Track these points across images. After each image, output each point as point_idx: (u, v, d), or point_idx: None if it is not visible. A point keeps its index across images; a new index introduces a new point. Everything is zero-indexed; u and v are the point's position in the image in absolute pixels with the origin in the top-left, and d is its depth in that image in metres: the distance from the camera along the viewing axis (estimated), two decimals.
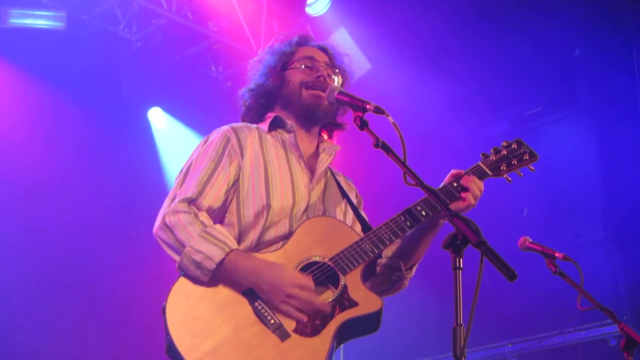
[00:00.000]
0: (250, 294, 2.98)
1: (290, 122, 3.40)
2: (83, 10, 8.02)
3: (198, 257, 2.98)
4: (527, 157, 3.41)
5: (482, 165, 3.31)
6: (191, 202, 3.11)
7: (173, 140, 8.99)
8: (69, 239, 8.04)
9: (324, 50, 3.60)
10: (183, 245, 3.01)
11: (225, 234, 3.08)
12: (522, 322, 8.02)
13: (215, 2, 8.39)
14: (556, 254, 3.95)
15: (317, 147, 3.47)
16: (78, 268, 8.05)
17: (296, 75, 3.44)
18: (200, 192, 3.13)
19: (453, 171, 3.27)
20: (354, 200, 3.47)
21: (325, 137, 3.57)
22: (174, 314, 2.94)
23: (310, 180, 3.33)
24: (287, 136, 3.40)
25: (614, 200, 7.91)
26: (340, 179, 3.51)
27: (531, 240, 4.02)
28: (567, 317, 7.64)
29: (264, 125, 3.41)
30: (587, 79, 8.45)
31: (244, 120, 3.54)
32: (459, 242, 2.54)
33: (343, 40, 8.97)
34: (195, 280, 3.01)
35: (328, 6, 8.80)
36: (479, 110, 8.91)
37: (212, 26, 8.54)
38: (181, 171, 3.28)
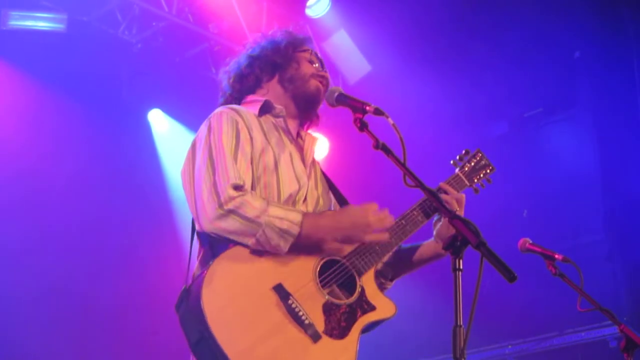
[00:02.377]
0: (281, 290, 2.93)
1: (279, 107, 3.38)
2: (83, 12, 8.02)
3: (283, 224, 2.93)
4: (489, 170, 3.60)
5: (461, 176, 3.49)
6: (239, 187, 3.00)
7: (173, 142, 8.99)
8: (68, 240, 8.04)
9: (317, 56, 3.60)
10: (257, 221, 2.91)
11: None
12: (522, 324, 8.03)
13: (215, 4, 8.39)
14: (556, 256, 3.95)
15: (298, 133, 3.49)
16: (78, 270, 8.05)
17: (307, 65, 3.46)
18: (241, 178, 3.05)
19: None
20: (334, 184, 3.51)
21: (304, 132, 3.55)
22: (211, 303, 2.83)
23: (305, 165, 3.34)
24: (274, 120, 3.38)
25: (614, 201, 7.91)
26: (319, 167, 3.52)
27: (531, 242, 4.02)
28: (566, 318, 7.65)
29: (254, 109, 3.36)
30: (587, 80, 8.46)
31: (233, 89, 3.49)
32: (458, 244, 2.55)
33: (343, 42, 8.98)
34: (226, 271, 2.92)
35: (328, 8, 8.80)
36: (479, 112, 8.92)
37: (213, 28, 8.55)
38: (196, 156, 3.15)
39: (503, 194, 8.46)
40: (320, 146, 9.34)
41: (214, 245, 3.08)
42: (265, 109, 3.38)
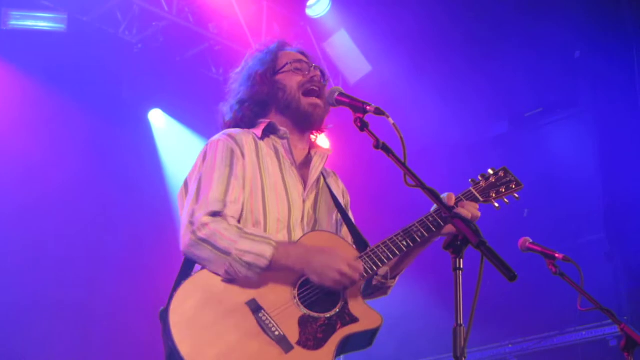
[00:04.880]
0: (254, 304, 2.99)
1: (283, 129, 3.40)
2: (84, 12, 8.03)
3: (249, 258, 2.99)
4: (514, 186, 3.50)
5: (473, 191, 3.39)
6: (215, 214, 3.08)
7: (173, 141, 9.00)
8: (69, 240, 8.04)
9: (302, 53, 3.61)
10: (227, 252, 2.99)
11: (260, 230, 3.13)
12: (523, 323, 8.03)
13: (215, 4, 8.39)
14: (556, 255, 3.95)
15: (309, 152, 3.50)
16: (78, 270, 8.05)
17: (291, 79, 3.46)
18: (224, 205, 3.11)
19: (446, 194, 3.28)
20: (342, 201, 3.50)
21: (314, 137, 3.56)
22: (177, 319, 2.92)
23: (304, 189, 3.35)
24: (280, 142, 3.41)
25: (614, 200, 7.91)
26: (331, 181, 3.53)
27: (531, 241, 4.02)
28: (567, 317, 7.65)
29: (257, 131, 3.40)
30: (588, 80, 8.46)
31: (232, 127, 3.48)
32: (459, 243, 2.56)
33: (343, 42, 8.98)
34: (198, 287, 3.00)
35: (328, 8, 8.80)
36: (479, 112, 8.92)
37: (213, 28, 8.55)
38: (188, 185, 3.25)
39: None
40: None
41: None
42: (270, 130, 3.41)
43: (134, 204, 8.49)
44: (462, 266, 2.55)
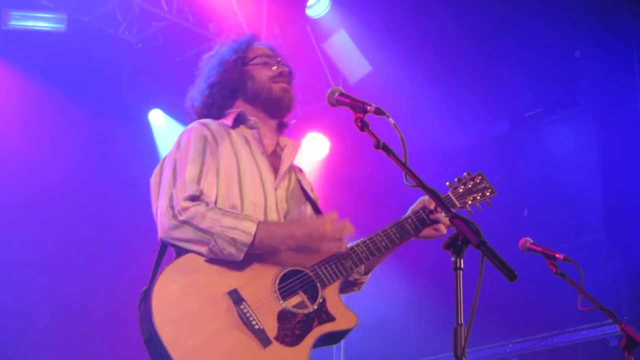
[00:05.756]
0: (235, 295, 2.99)
1: (253, 119, 3.44)
2: (84, 12, 8.03)
3: (234, 234, 3.00)
4: (489, 193, 3.57)
5: (452, 196, 3.48)
6: (194, 198, 3.10)
7: (174, 141, 8.98)
8: (68, 240, 8.04)
9: (272, 49, 3.66)
10: (210, 231, 2.99)
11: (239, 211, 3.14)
12: (523, 322, 8.03)
13: (215, 4, 8.39)
14: (557, 255, 3.95)
15: (278, 142, 3.54)
16: (77, 270, 8.05)
17: (261, 71, 3.52)
18: (200, 190, 3.13)
19: (426, 198, 3.37)
20: (312, 195, 3.52)
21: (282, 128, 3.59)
22: (159, 303, 2.93)
23: (275, 177, 3.38)
24: (249, 132, 3.44)
25: (614, 200, 7.92)
26: (300, 176, 3.56)
27: (532, 241, 4.02)
28: (567, 317, 7.65)
29: (228, 121, 3.43)
30: (588, 80, 8.46)
31: (200, 117, 3.52)
32: (459, 243, 2.56)
33: (343, 42, 8.98)
34: (181, 273, 3.01)
35: (328, 8, 8.80)
36: (480, 111, 8.92)
37: (213, 28, 8.55)
38: (162, 172, 3.27)
39: (503, 193, 8.46)
40: (321, 148, 9.34)
41: (177, 253, 3.15)
42: (240, 120, 3.45)
43: (134, 203, 8.48)
44: (462, 266, 2.55)
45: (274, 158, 3.46)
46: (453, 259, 2.57)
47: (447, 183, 3.50)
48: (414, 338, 8.66)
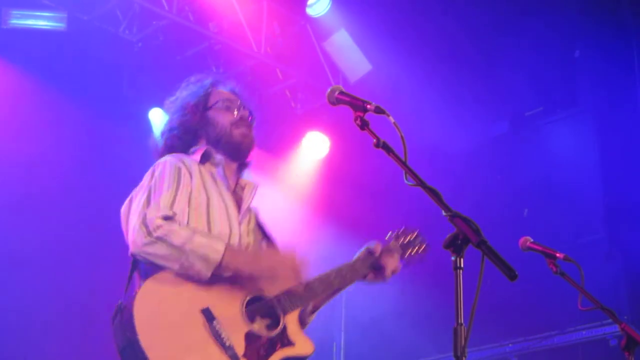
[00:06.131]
0: (208, 312, 3.12)
1: (219, 156, 3.59)
2: (84, 11, 8.02)
3: (204, 250, 3.12)
4: (421, 250, 3.87)
5: (396, 244, 3.78)
6: (167, 218, 3.21)
7: None
8: (68, 239, 8.03)
9: (234, 92, 3.79)
10: (182, 248, 3.11)
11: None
12: (523, 322, 8.03)
13: (216, 3, 8.39)
14: (557, 254, 3.95)
15: (238, 182, 3.69)
16: (77, 270, 8.04)
17: (223, 116, 3.66)
18: (173, 213, 3.25)
19: (373, 244, 3.68)
20: (270, 233, 3.71)
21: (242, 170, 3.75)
22: (141, 312, 3.04)
23: (239, 212, 3.53)
24: (214, 169, 3.58)
25: (614, 200, 7.91)
26: (259, 215, 3.71)
27: (532, 241, 4.02)
28: (567, 317, 7.65)
29: (196, 157, 3.57)
30: (588, 80, 8.46)
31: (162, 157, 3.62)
32: (459, 242, 2.55)
33: (343, 41, 8.98)
34: (161, 287, 3.12)
35: (329, 7, 8.80)
36: (480, 111, 8.92)
37: (213, 27, 8.54)
38: (132, 201, 3.38)
39: (503, 193, 8.47)
40: (321, 147, 9.34)
41: (147, 271, 3.25)
42: (206, 156, 3.59)
43: None
44: (462, 265, 2.55)
45: (235, 196, 3.61)
46: (453, 258, 2.56)
47: (389, 233, 3.80)
48: (415, 338, 8.66)
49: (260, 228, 3.66)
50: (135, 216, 3.23)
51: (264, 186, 3.84)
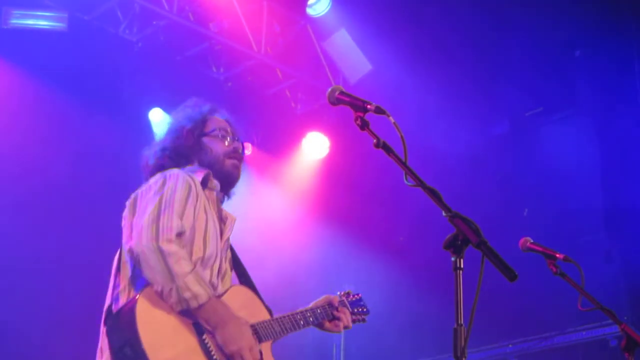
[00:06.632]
0: (198, 326, 3.27)
1: (215, 182, 3.67)
2: (84, 11, 8.03)
3: (187, 294, 3.20)
4: (365, 310, 4.08)
5: (346, 302, 3.98)
6: (180, 235, 3.29)
7: None
8: (68, 239, 8.04)
9: (229, 122, 3.85)
10: (173, 278, 3.18)
11: (207, 279, 3.37)
12: (523, 323, 8.04)
13: (216, 3, 8.39)
14: (557, 255, 3.95)
15: (220, 211, 3.75)
16: (77, 270, 8.04)
17: (218, 144, 3.72)
18: (184, 229, 3.33)
19: (331, 296, 3.89)
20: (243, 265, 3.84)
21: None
22: (143, 316, 3.17)
23: (221, 239, 3.61)
24: (211, 194, 3.66)
25: (614, 200, 7.92)
26: (233, 248, 3.80)
27: (532, 241, 4.02)
28: (567, 317, 7.66)
29: (198, 177, 3.61)
30: (588, 80, 8.46)
31: (152, 175, 3.67)
32: (459, 243, 2.55)
33: (344, 40, 8.98)
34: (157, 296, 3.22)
35: (329, 7, 8.80)
36: (480, 111, 8.92)
37: (213, 27, 8.54)
38: (138, 203, 3.45)
39: (503, 193, 8.47)
40: (321, 145, 9.34)
41: (135, 274, 3.37)
42: (206, 181, 3.64)
43: None
44: (462, 266, 2.55)
45: (221, 224, 3.67)
46: (453, 258, 2.56)
47: (339, 292, 3.99)
48: (415, 338, 8.66)
49: (234, 258, 3.76)
50: (146, 215, 3.27)
51: (264, 186, 3.88)
